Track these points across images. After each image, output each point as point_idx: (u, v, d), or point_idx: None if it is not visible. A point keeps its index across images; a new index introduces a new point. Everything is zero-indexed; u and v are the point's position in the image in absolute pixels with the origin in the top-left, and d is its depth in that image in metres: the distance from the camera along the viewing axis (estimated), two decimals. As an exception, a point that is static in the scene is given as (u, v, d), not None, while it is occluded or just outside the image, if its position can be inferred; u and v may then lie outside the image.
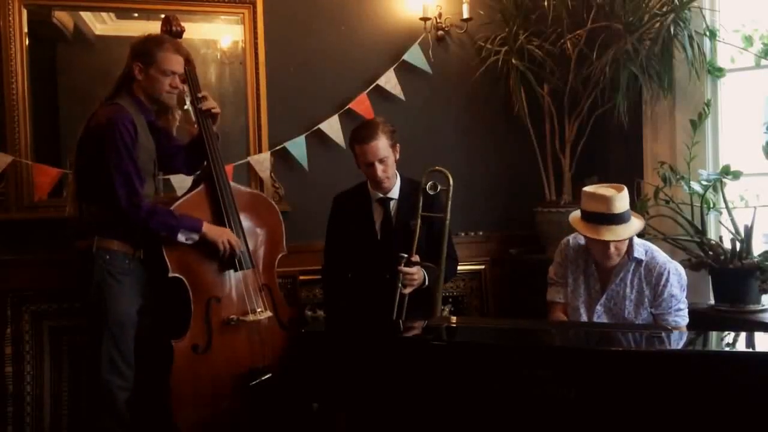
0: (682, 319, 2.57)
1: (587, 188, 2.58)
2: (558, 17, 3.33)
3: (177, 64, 2.64)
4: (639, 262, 2.56)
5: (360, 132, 2.75)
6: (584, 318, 2.63)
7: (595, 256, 2.60)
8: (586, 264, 2.66)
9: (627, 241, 2.54)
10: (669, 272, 2.54)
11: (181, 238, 2.57)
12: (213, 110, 2.79)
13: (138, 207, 2.49)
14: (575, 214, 2.62)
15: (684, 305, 2.57)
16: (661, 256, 2.60)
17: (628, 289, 2.58)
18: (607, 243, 2.48)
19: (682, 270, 2.60)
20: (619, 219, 2.47)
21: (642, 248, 2.59)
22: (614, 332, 2.32)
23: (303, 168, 3.42)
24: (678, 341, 2.25)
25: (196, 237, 2.60)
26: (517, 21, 3.44)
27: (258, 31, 3.35)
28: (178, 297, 2.64)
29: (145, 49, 2.60)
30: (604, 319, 2.60)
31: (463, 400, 2.01)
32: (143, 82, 2.61)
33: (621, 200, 2.49)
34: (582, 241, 2.67)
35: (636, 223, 2.53)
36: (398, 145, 2.80)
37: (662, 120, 3.30)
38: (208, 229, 2.63)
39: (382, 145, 2.71)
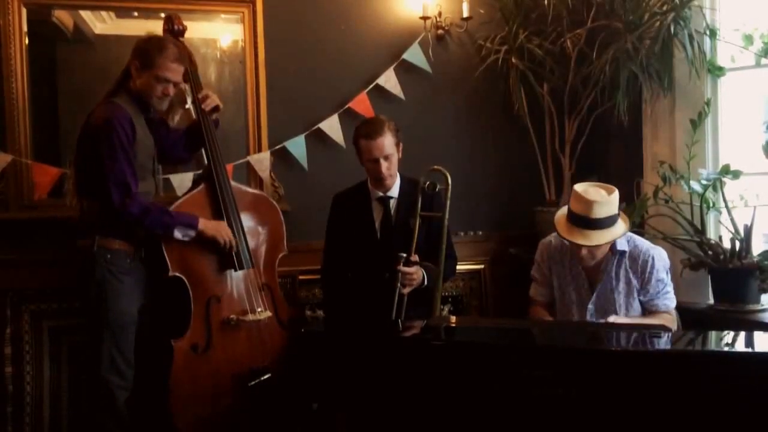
0: (671, 301, 2.61)
1: (578, 186, 2.55)
2: (558, 16, 3.32)
3: (174, 72, 2.57)
4: (623, 253, 2.59)
5: (366, 128, 2.76)
6: (576, 319, 2.64)
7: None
8: (572, 263, 2.66)
9: (602, 247, 2.51)
10: (653, 258, 2.57)
11: (177, 234, 2.57)
12: (215, 105, 2.77)
13: (131, 206, 2.48)
14: (562, 211, 2.61)
15: (670, 287, 2.61)
16: (644, 243, 2.63)
17: (615, 282, 2.60)
18: (579, 246, 2.48)
19: (664, 254, 2.64)
20: (597, 224, 2.44)
21: (623, 239, 2.58)
22: (614, 332, 2.32)
23: (303, 167, 3.41)
24: (678, 341, 2.26)
25: (192, 233, 2.59)
26: (517, 20, 3.43)
27: (258, 30, 3.34)
28: (178, 296, 2.64)
29: (145, 51, 2.56)
30: (596, 317, 2.61)
31: (462, 400, 2.01)
32: (136, 82, 2.58)
33: (605, 206, 2.44)
34: None
35: (618, 230, 2.49)
36: (401, 144, 2.80)
37: (662, 119, 3.30)
38: (205, 224, 2.62)
39: (387, 142, 2.72)
